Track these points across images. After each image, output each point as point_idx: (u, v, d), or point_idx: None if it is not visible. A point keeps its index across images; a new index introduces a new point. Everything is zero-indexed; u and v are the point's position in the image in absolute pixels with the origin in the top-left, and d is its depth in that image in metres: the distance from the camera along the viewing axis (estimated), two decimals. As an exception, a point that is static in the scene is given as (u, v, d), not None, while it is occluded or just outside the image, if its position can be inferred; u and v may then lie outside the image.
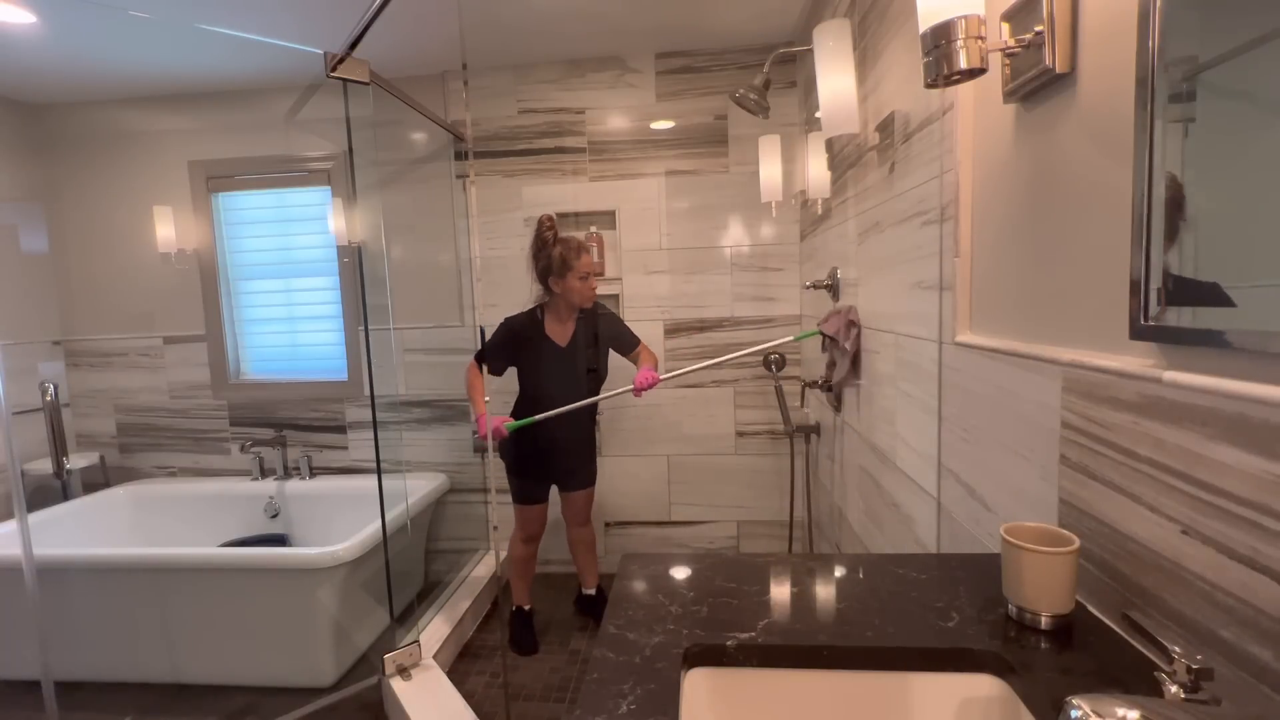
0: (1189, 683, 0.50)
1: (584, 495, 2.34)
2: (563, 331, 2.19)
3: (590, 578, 2.45)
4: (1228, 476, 0.56)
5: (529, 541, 2.31)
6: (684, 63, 2.58)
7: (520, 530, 2.30)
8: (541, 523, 2.31)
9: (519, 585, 2.36)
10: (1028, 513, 0.90)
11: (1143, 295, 0.63)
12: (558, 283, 2.08)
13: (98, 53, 2.37)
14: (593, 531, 2.45)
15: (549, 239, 2.09)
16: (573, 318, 2.20)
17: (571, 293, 2.09)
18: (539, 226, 2.11)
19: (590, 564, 2.43)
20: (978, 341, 1.03)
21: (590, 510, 2.40)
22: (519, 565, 2.34)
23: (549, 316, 2.18)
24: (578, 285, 2.08)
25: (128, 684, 2.13)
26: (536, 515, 2.28)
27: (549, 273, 2.09)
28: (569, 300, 2.12)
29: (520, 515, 2.28)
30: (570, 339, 2.20)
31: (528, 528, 2.29)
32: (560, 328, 2.18)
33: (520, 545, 2.31)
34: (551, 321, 2.18)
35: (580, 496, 2.34)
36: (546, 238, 2.09)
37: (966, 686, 0.69)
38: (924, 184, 1.24)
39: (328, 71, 1.74)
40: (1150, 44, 0.60)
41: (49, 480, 2.61)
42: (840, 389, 1.90)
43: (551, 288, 2.10)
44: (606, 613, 0.80)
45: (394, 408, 2.81)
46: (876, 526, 1.62)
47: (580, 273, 2.07)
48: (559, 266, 2.06)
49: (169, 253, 2.76)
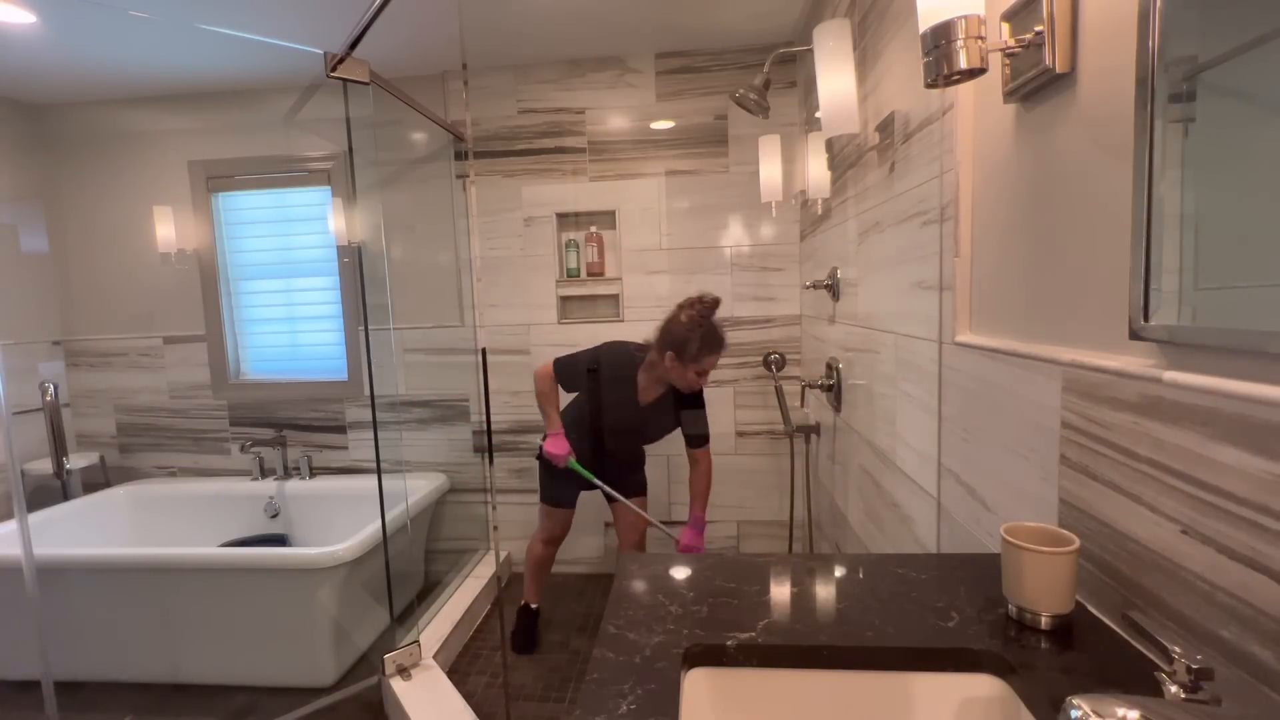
0: (1189, 683, 0.50)
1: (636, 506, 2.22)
2: (650, 390, 2.08)
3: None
4: (1228, 476, 0.56)
5: (550, 544, 2.28)
6: (684, 63, 2.58)
7: (543, 531, 2.27)
8: (565, 527, 2.27)
9: (532, 584, 2.34)
10: (1028, 513, 0.90)
11: (1143, 295, 0.63)
12: (673, 361, 1.94)
13: (98, 53, 2.37)
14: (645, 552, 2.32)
15: (700, 320, 1.93)
16: (665, 384, 2.07)
17: (677, 378, 1.99)
18: (702, 299, 1.94)
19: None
20: (978, 341, 1.03)
21: (644, 527, 2.26)
22: (535, 565, 2.31)
23: (645, 369, 2.06)
24: (691, 377, 1.97)
25: (128, 684, 2.13)
26: (561, 519, 2.25)
27: (675, 348, 1.93)
28: (672, 380, 2.02)
29: (545, 515, 2.25)
30: (654, 400, 2.09)
31: (551, 529, 2.26)
32: (651, 386, 2.07)
33: (540, 545, 2.28)
34: (646, 375, 2.06)
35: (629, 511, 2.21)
36: (698, 320, 1.92)
37: (966, 686, 0.69)
38: (924, 184, 1.24)
39: (328, 71, 1.74)
40: (1150, 44, 0.60)
41: (49, 480, 2.61)
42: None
43: (664, 361, 1.97)
44: (606, 612, 0.80)
45: (394, 408, 2.81)
46: (876, 526, 1.62)
47: (700, 369, 1.96)
48: (689, 354, 1.92)
49: (169, 253, 2.76)
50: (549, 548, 2.29)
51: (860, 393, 1.75)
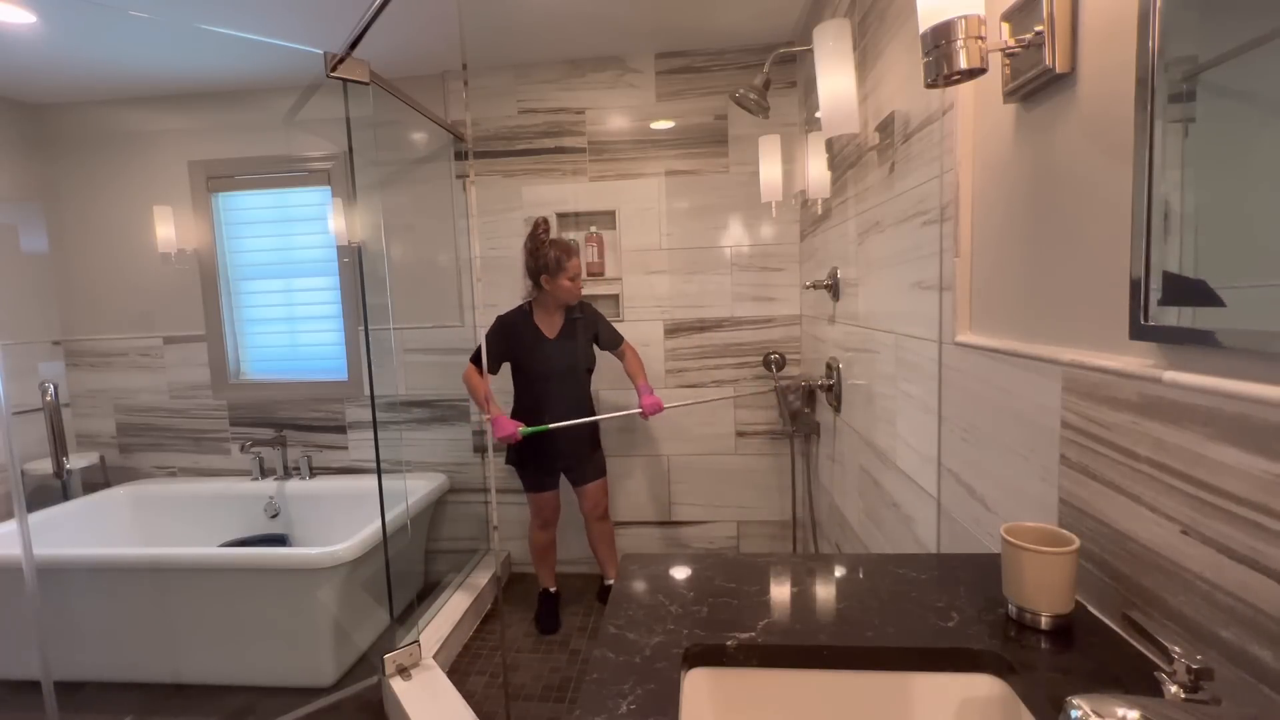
0: (1189, 683, 0.50)
1: (597, 487, 2.43)
2: (551, 324, 2.34)
3: (611, 569, 2.51)
4: (1228, 476, 0.56)
5: (545, 528, 2.45)
6: (684, 63, 2.58)
7: (535, 518, 2.44)
8: (555, 508, 2.44)
9: (543, 570, 2.51)
10: (1028, 513, 0.90)
11: (1143, 295, 0.63)
12: (549, 281, 2.25)
13: (98, 53, 2.37)
14: (611, 525, 2.53)
15: (543, 240, 2.27)
16: (560, 313, 2.35)
17: (560, 291, 2.26)
18: (534, 228, 2.31)
19: (610, 557, 2.51)
20: (978, 341, 1.03)
21: (606, 503, 2.48)
22: (539, 551, 2.48)
23: (538, 311, 2.34)
24: (566, 285, 2.25)
25: (128, 684, 2.13)
26: (548, 501, 2.41)
27: (542, 271, 2.24)
28: (557, 298, 2.28)
29: (533, 503, 2.42)
30: (558, 331, 2.35)
31: (542, 514, 2.42)
32: (549, 321, 2.34)
33: (538, 532, 2.45)
34: (541, 315, 2.34)
35: (593, 489, 2.43)
36: (541, 239, 2.28)
37: (966, 686, 0.69)
38: (924, 184, 1.24)
39: (328, 71, 1.74)
40: (1150, 44, 0.60)
41: (49, 480, 2.61)
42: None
43: (543, 285, 2.27)
44: (606, 612, 0.80)
45: (394, 408, 2.81)
46: (877, 526, 1.62)
47: (570, 273, 2.24)
48: (552, 266, 2.23)
49: (169, 253, 2.76)
50: (545, 532, 2.46)
51: (860, 393, 1.75)
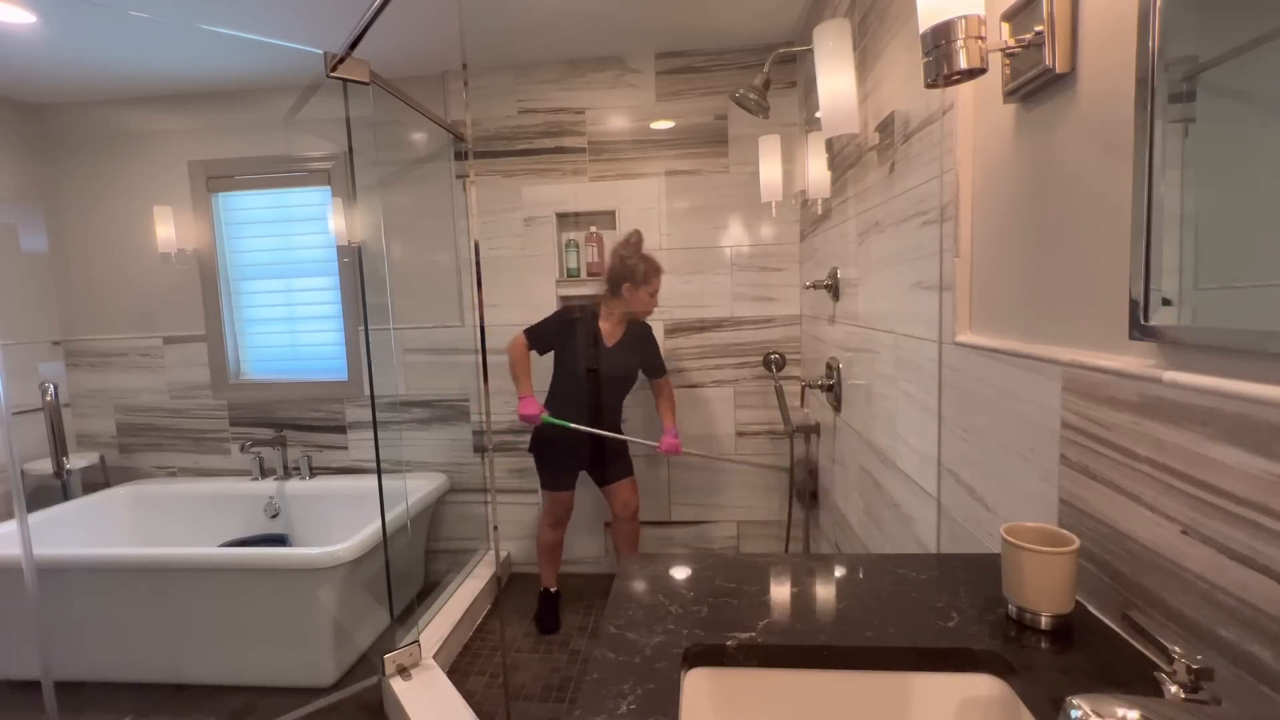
0: (1189, 683, 0.50)
1: (627, 485, 2.43)
2: (612, 333, 2.36)
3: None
4: (1228, 476, 0.56)
5: (556, 527, 2.45)
6: (684, 63, 2.58)
7: (547, 516, 2.44)
8: (568, 509, 2.44)
9: (547, 569, 2.50)
10: (1028, 513, 0.90)
11: (1143, 295, 0.63)
12: (630, 289, 2.26)
13: (98, 53, 2.37)
14: (639, 528, 2.50)
15: (636, 248, 2.32)
16: (623, 326, 2.37)
17: (638, 302, 2.29)
18: (628, 237, 2.34)
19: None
20: (978, 341, 1.03)
21: (638, 503, 2.46)
22: (547, 550, 2.48)
23: (604, 316, 2.35)
24: (646, 298, 2.29)
25: (128, 684, 2.13)
26: (563, 501, 2.41)
27: (627, 279, 2.26)
28: (633, 307, 2.31)
29: (547, 501, 2.42)
30: (616, 342, 2.36)
31: (554, 512, 2.42)
32: (611, 329, 2.36)
33: (548, 531, 2.45)
34: (605, 321, 2.35)
35: (624, 487, 2.42)
36: (635, 247, 2.32)
37: (966, 686, 0.69)
38: (924, 184, 1.24)
39: (328, 71, 1.74)
40: (1150, 44, 0.60)
41: (49, 480, 2.61)
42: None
43: (623, 293, 2.28)
44: (606, 612, 0.80)
45: (394, 408, 2.81)
46: (876, 526, 1.62)
47: (652, 288, 2.28)
48: (639, 277, 2.25)
49: (169, 253, 2.76)
50: (555, 531, 2.45)
51: (860, 393, 1.75)
